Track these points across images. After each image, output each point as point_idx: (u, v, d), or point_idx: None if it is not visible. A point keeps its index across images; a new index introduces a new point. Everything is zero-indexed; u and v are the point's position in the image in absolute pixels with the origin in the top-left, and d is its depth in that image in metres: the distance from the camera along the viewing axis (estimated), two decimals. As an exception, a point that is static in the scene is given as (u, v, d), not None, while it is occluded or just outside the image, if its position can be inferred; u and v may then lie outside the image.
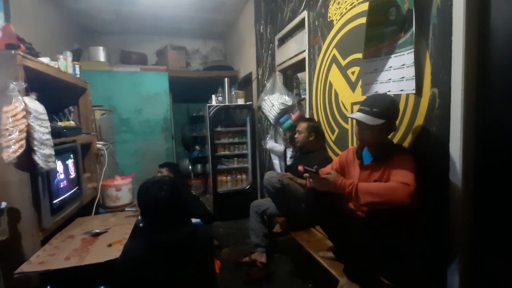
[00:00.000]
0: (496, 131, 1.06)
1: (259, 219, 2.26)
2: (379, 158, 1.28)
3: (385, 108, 1.22)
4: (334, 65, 1.93)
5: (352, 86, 1.75)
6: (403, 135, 1.37)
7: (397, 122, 1.33)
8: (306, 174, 1.27)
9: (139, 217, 1.93)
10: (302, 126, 2.11)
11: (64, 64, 2.03)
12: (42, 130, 1.43)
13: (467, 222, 1.11)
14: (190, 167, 4.78)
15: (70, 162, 1.95)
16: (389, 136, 1.34)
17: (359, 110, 1.27)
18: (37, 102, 1.46)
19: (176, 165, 2.98)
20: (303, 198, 1.46)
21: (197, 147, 4.88)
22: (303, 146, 2.11)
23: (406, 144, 1.35)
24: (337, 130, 1.96)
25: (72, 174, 1.98)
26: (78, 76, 2.24)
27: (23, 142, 1.33)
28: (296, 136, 2.14)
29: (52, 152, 1.50)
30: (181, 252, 1.15)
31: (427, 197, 1.18)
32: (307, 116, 2.39)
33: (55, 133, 1.69)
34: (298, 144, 2.15)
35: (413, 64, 1.27)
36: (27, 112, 1.37)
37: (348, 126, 1.82)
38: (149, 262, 1.10)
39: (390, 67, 1.41)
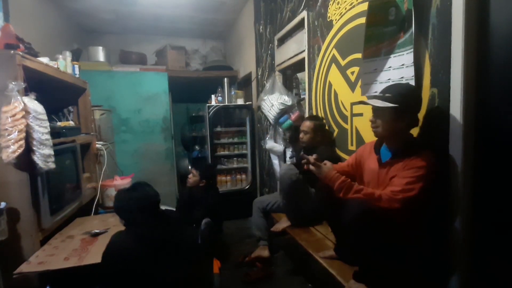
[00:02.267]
0: (496, 131, 1.06)
1: (261, 214, 2.30)
2: (398, 155, 1.22)
3: (397, 94, 1.15)
4: (333, 65, 1.93)
5: (352, 86, 1.75)
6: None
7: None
8: (304, 160, 1.33)
9: None
10: (307, 125, 1.99)
11: (63, 64, 2.03)
12: (41, 130, 1.43)
13: (468, 222, 1.11)
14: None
15: (69, 162, 1.95)
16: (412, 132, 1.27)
17: (376, 97, 1.24)
18: (36, 102, 1.45)
19: (209, 169, 2.72)
20: (316, 191, 1.52)
21: (196, 147, 4.88)
22: (308, 146, 2.00)
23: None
24: (336, 130, 1.96)
25: (72, 174, 1.98)
26: (77, 76, 2.24)
27: (22, 142, 1.33)
28: (301, 136, 2.03)
29: (52, 152, 1.50)
30: (166, 247, 1.24)
31: (427, 198, 1.18)
32: (306, 116, 2.38)
33: (55, 133, 1.69)
34: (304, 144, 2.04)
35: (413, 64, 1.27)
36: (26, 112, 1.37)
37: (348, 126, 1.82)
38: (134, 253, 1.18)
39: (390, 67, 1.41)
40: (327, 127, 2.05)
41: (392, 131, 1.20)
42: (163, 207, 1.72)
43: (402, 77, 1.34)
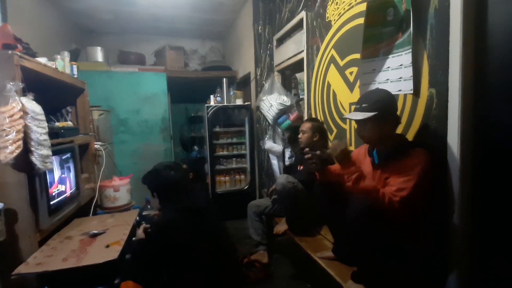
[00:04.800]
0: (494, 131, 1.06)
1: (258, 218, 2.27)
2: (389, 156, 1.24)
3: (374, 101, 1.20)
4: (332, 66, 1.93)
5: (350, 87, 1.76)
6: (401, 135, 1.37)
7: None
8: (308, 155, 1.34)
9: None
10: (306, 126, 2.07)
11: (61, 64, 2.02)
12: (39, 131, 1.43)
13: (466, 222, 1.11)
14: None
15: (67, 163, 1.94)
16: (399, 132, 1.32)
17: (353, 110, 1.28)
18: (34, 102, 1.45)
19: (196, 161, 2.80)
20: (314, 191, 1.53)
21: (195, 147, 4.87)
22: (306, 146, 2.05)
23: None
24: (335, 130, 1.96)
25: (70, 175, 1.97)
26: (75, 76, 2.23)
27: (20, 142, 1.32)
28: (299, 136, 2.11)
29: (50, 152, 1.49)
30: (205, 215, 1.44)
31: (424, 196, 1.18)
32: (305, 116, 2.39)
33: (53, 133, 1.68)
34: (302, 145, 2.11)
35: (411, 64, 1.27)
36: (24, 112, 1.36)
37: (346, 126, 1.82)
38: (179, 226, 1.34)
39: (388, 67, 1.41)
40: (326, 129, 2.07)
41: (379, 136, 1.24)
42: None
43: (400, 77, 1.34)
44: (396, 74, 1.37)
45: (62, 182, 1.85)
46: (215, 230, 1.45)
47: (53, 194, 1.70)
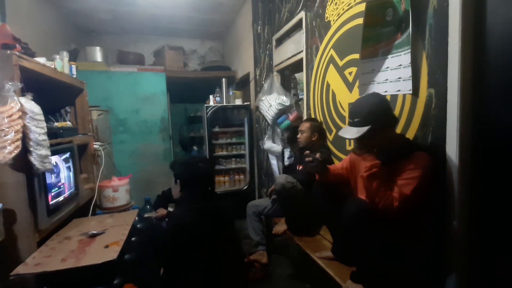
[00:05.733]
0: (493, 131, 1.06)
1: (257, 218, 2.27)
2: (389, 158, 1.22)
3: (366, 114, 1.17)
4: (331, 66, 1.93)
5: (350, 87, 1.76)
6: (400, 135, 1.38)
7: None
8: (309, 158, 1.34)
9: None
10: (305, 126, 2.08)
11: (60, 64, 2.02)
12: (38, 131, 1.42)
13: (465, 222, 1.11)
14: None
15: (66, 163, 1.94)
16: (399, 132, 1.32)
17: (348, 124, 1.26)
18: (33, 102, 1.44)
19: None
20: (313, 192, 1.53)
21: (195, 147, 4.86)
22: (305, 146, 2.06)
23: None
24: (334, 130, 1.96)
25: (69, 175, 1.97)
26: (74, 76, 2.23)
27: (19, 143, 1.32)
28: (298, 136, 2.13)
29: (48, 152, 1.49)
30: (218, 216, 1.46)
31: (423, 198, 1.18)
32: (304, 116, 2.39)
33: (52, 133, 1.68)
34: (301, 145, 2.13)
35: (410, 64, 1.27)
36: (23, 112, 1.36)
37: (346, 127, 1.82)
38: (195, 224, 1.36)
39: (387, 67, 1.42)
40: (324, 129, 2.07)
41: (379, 144, 1.22)
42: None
43: (399, 78, 1.34)
44: (395, 74, 1.37)
45: (61, 182, 1.84)
46: (223, 232, 1.46)
47: (52, 194, 1.70)
